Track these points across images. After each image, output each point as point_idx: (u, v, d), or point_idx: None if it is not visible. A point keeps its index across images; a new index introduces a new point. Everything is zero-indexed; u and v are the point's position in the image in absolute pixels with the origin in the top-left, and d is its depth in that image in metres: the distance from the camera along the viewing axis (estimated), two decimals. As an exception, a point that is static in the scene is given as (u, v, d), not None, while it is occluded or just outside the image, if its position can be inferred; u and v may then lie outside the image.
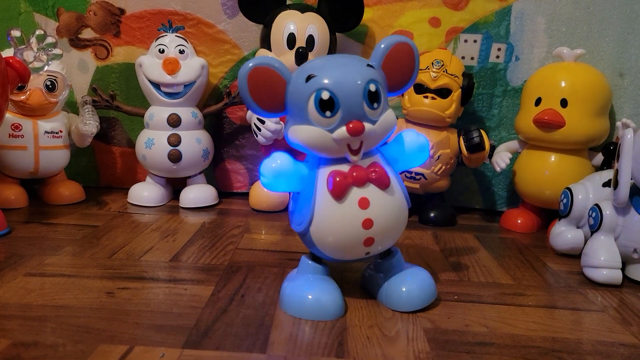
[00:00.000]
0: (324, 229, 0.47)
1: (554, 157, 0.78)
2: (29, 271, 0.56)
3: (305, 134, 0.45)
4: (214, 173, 0.95)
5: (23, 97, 0.77)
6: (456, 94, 0.79)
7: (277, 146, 0.79)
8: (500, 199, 0.92)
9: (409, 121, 0.83)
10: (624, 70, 0.83)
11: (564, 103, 0.75)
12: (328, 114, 0.44)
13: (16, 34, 0.69)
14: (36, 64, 0.72)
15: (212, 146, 0.88)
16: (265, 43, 0.81)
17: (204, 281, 0.55)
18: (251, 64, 0.44)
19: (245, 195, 0.92)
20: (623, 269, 0.61)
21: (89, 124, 0.82)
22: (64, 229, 0.72)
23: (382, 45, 0.47)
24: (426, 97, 0.78)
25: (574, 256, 0.68)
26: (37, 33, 0.71)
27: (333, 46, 0.82)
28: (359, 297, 0.53)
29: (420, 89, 0.79)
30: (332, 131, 0.44)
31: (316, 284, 0.49)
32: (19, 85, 0.71)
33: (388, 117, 0.47)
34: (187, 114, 0.84)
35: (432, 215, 0.83)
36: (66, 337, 0.42)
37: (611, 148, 0.76)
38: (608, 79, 0.78)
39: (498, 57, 0.86)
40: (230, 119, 0.93)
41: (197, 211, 0.84)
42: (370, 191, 0.46)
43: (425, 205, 0.85)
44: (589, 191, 0.68)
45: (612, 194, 0.60)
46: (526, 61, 0.86)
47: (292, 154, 0.48)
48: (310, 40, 0.78)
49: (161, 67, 0.81)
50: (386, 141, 0.50)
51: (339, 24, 0.82)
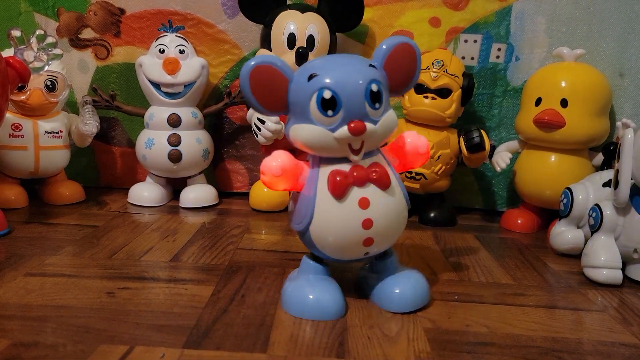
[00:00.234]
0: (324, 228, 0.47)
1: (554, 157, 0.78)
2: (29, 271, 0.56)
3: (306, 133, 0.45)
4: (214, 173, 0.95)
5: (23, 97, 0.77)
6: (456, 94, 0.79)
7: (278, 146, 0.78)
8: (500, 199, 0.92)
9: (409, 121, 0.83)
10: (624, 70, 0.83)
11: (564, 103, 0.75)
12: (330, 113, 0.44)
13: (16, 33, 0.69)
14: (36, 64, 0.72)
15: (212, 146, 0.88)
16: (266, 43, 0.81)
17: (204, 281, 0.55)
18: (253, 62, 0.44)
19: (246, 195, 0.91)
20: (623, 269, 0.61)
21: (89, 124, 0.82)
22: (64, 229, 0.72)
23: (384, 46, 0.47)
24: (426, 97, 0.78)
25: (574, 256, 0.68)
26: (37, 33, 0.71)
27: (333, 46, 0.82)
28: (359, 297, 0.53)
29: (421, 89, 0.79)
30: (333, 130, 0.44)
31: (317, 284, 0.49)
32: (19, 85, 0.71)
33: (389, 117, 0.47)
34: (187, 114, 0.84)
35: (433, 215, 0.83)
36: (66, 337, 0.42)
37: (611, 148, 0.76)
38: (608, 79, 0.78)
39: (498, 57, 0.86)
40: (230, 119, 0.93)
41: (197, 211, 0.84)
42: (371, 191, 0.46)
43: (425, 206, 0.85)
44: (589, 191, 0.68)
45: (613, 194, 0.60)
46: (526, 61, 0.86)
47: (293, 153, 0.48)
48: (311, 40, 0.78)
49: (161, 67, 0.81)
50: (387, 141, 0.50)
51: (339, 24, 0.82)
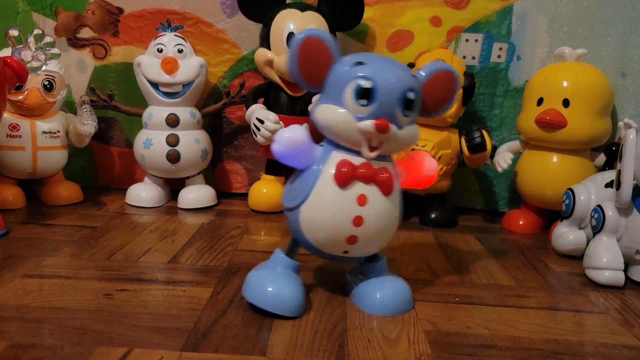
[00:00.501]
0: (315, 211, 0.47)
1: (555, 158, 0.77)
2: (27, 272, 0.55)
3: (333, 114, 0.46)
4: (212, 173, 0.95)
5: (21, 97, 0.77)
6: (457, 94, 0.78)
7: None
8: (501, 200, 0.91)
9: (409, 121, 0.82)
10: (626, 70, 0.83)
11: (566, 103, 0.75)
12: (363, 102, 0.44)
13: (14, 33, 0.69)
14: (34, 64, 0.72)
15: (210, 146, 0.88)
16: (265, 42, 0.80)
17: (202, 283, 0.55)
18: (307, 34, 0.45)
19: (245, 195, 0.91)
20: (625, 270, 0.60)
21: (87, 124, 0.81)
22: (62, 229, 0.71)
23: (427, 70, 0.48)
24: (427, 97, 0.78)
25: (576, 257, 0.68)
26: (35, 32, 0.71)
27: (333, 46, 0.81)
28: (359, 298, 0.52)
29: (421, 88, 0.78)
30: (359, 120, 0.45)
31: (280, 277, 0.49)
32: (17, 85, 0.71)
33: (413, 130, 0.47)
34: (186, 113, 0.84)
35: (433, 216, 0.83)
36: (64, 339, 0.42)
37: (613, 149, 0.76)
38: (610, 78, 0.78)
39: (499, 56, 0.86)
40: (229, 118, 0.93)
41: (196, 212, 0.84)
42: (372, 192, 0.46)
43: (426, 206, 0.84)
44: (591, 192, 0.68)
45: (615, 194, 0.60)
46: (528, 61, 0.85)
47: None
48: (310, 40, 0.78)
49: (160, 66, 0.81)
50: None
51: (339, 23, 0.82)
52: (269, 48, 0.80)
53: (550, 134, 0.76)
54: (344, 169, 0.46)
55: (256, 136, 0.79)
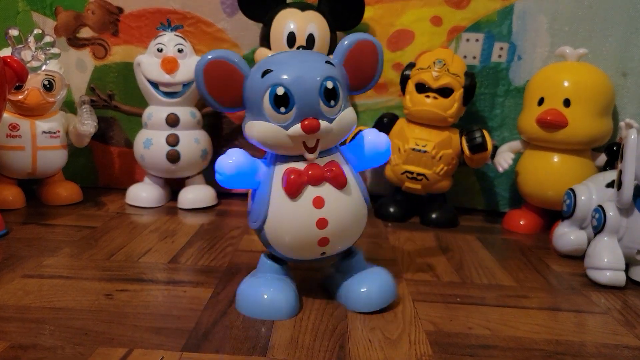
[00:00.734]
0: (278, 227, 0.47)
1: (556, 158, 0.77)
2: (27, 273, 0.55)
3: (260, 130, 0.45)
4: (212, 173, 0.94)
5: (21, 97, 0.77)
6: (458, 94, 0.78)
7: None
8: (502, 200, 0.91)
9: (410, 121, 0.82)
10: (627, 70, 0.83)
11: (567, 103, 0.75)
12: (283, 110, 0.43)
13: (14, 33, 0.69)
14: (34, 64, 0.71)
15: (210, 146, 0.88)
16: (265, 42, 0.80)
17: (203, 283, 0.55)
18: (209, 56, 0.44)
19: (245, 196, 0.91)
20: (627, 270, 0.60)
21: (86, 124, 0.81)
22: (62, 230, 0.71)
23: (345, 42, 0.47)
24: (428, 97, 0.78)
25: (577, 258, 0.68)
26: (35, 32, 0.71)
27: (333, 45, 0.81)
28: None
29: (422, 88, 0.78)
30: (286, 128, 0.44)
31: (271, 284, 0.49)
32: (17, 84, 0.71)
33: (347, 115, 0.46)
34: (186, 113, 0.84)
35: (434, 216, 0.82)
36: (65, 340, 0.42)
37: (614, 149, 0.76)
38: (611, 78, 0.78)
39: (500, 56, 0.86)
40: (229, 118, 0.93)
41: (196, 212, 0.84)
42: (326, 190, 0.46)
43: (426, 206, 0.84)
44: (592, 192, 0.68)
45: (616, 195, 0.60)
46: (528, 60, 0.85)
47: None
48: (311, 39, 0.78)
49: (160, 66, 0.81)
50: (346, 140, 0.49)
51: (339, 23, 0.82)
52: (269, 48, 0.80)
53: (551, 134, 0.75)
54: (292, 177, 0.45)
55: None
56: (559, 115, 0.74)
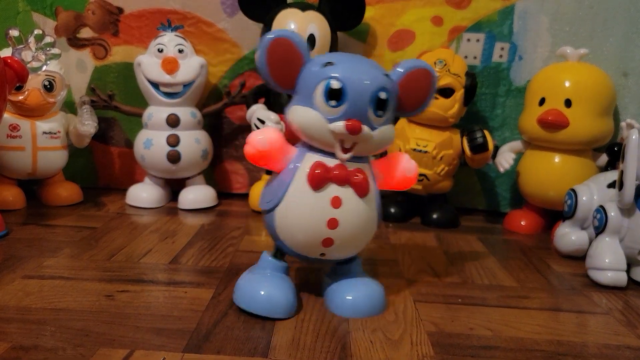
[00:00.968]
0: (289, 213, 0.47)
1: (557, 158, 0.77)
2: (27, 273, 0.55)
3: (303, 115, 0.45)
4: (213, 174, 0.94)
5: (21, 97, 0.77)
6: (459, 94, 0.78)
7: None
8: (503, 200, 0.91)
9: (411, 121, 0.82)
10: (628, 70, 0.83)
11: (568, 103, 0.75)
12: (333, 103, 0.44)
13: (14, 33, 0.69)
14: (34, 64, 0.71)
15: (211, 146, 0.88)
16: (266, 42, 0.80)
17: (204, 284, 0.55)
18: (274, 34, 0.45)
19: (245, 196, 0.91)
20: (628, 271, 0.60)
21: (87, 124, 0.81)
22: (62, 230, 0.71)
23: (402, 67, 0.47)
24: (428, 97, 0.78)
25: (578, 258, 0.68)
26: (35, 32, 0.71)
27: (334, 45, 0.81)
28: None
29: (423, 88, 0.78)
30: (330, 121, 0.44)
31: (270, 281, 0.49)
32: (17, 85, 0.70)
33: (388, 130, 0.47)
34: (186, 113, 0.84)
35: (435, 216, 0.82)
36: (66, 341, 0.42)
37: (615, 149, 0.76)
38: (612, 78, 0.78)
39: (501, 56, 0.86)
40: (229, 119, 0.93)
41: (196, 213, 0.84)
42: (347, 193, 0.46)
43: (427, 207, 0.84)
44: (593, 192, 0.68)
45: (617, 195, 0.60)
46: (529, 61, 0.85)
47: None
48: (311, 40, 0.78)
49: (160, 66, 0.81)
50: (380, 156, 0.49)
51: (340, 23, 0.82)
52: (269, 48, 0.80)
53: (553, 134, 0.75)
54: (318, 171, 0.45)
55: (257, 136, 0.79)
56: (560, 115, 0.74)
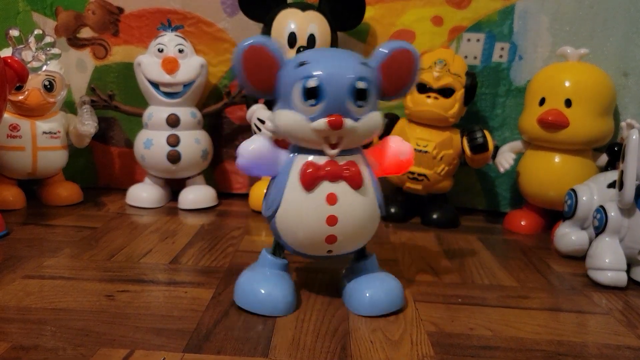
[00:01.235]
0: (289, 217, 0.47)
1: (558, 158, 0.77)
2: (28, 273, 0.55)
3: (286, 118, 0.46)
4: (213, 174, 0.94)
5: (21, 97, 0.77)
6: (459, 94, 0.78)
7: (278, 146, 0.78)
8: (503, 200, 0.91)
9: (411, 121, 0.82)
10: (628, 69, 0.83)
11: (568, 103, 0.75)
12: (311, 102, 0.44)
13: (14, 33, 0.69)
14: (34, 64, 0.71)
15: (211, 146, 0.88)
16: (266, 42, 0.80)
17: (204, 284, 0.55)
18: (248, 42, 0.45)
19: (245, 196, 0.91)
20: (628, 271, 0.60)
21: (87, 124, 0.81)
22: (62, 230, 0.71)
23: (385, 50, 0.47)
24: (429, 97, 0.78)
25: (578, 258, 0.68)
26: (35, 32, 0.71)
27: (334, 45, 0.81)
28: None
29: (423, 88, 0.78)
30: (312, 120, 0.44)
31: (269, 279, 0.49)
32: (17, 85, 0.70)
33: (373, 118, 0.46)
34: (186, 113, 0.84)
35: (435, 216, 0.82)
36: (66, 341, 0.42)
37: (615, 149, 0.76)
38: (612, 78, 0.78)
39: (501, 56, 0.86)
40: (229, 119, 0.93)
41: (196, 213, 0.84)
42: (341, 188, 0.46)
43: (427, 207, 0.84)
44: (593, 192, 0.68)
45: (617, 195, 0.60)
46: (530, 60, 0.85)
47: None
48: (311, 39, 0.78)
49: (160, 66, 0.81)
50: (370, 143, 0.49)
51: (340, 23, 0.82)
52: (270, 48, 0.80)
53: (553, 134, 0.75)
54: (309, 170, 0.45)
55: (257, 136, 0.79)
56: (560, 115, 0.74)
